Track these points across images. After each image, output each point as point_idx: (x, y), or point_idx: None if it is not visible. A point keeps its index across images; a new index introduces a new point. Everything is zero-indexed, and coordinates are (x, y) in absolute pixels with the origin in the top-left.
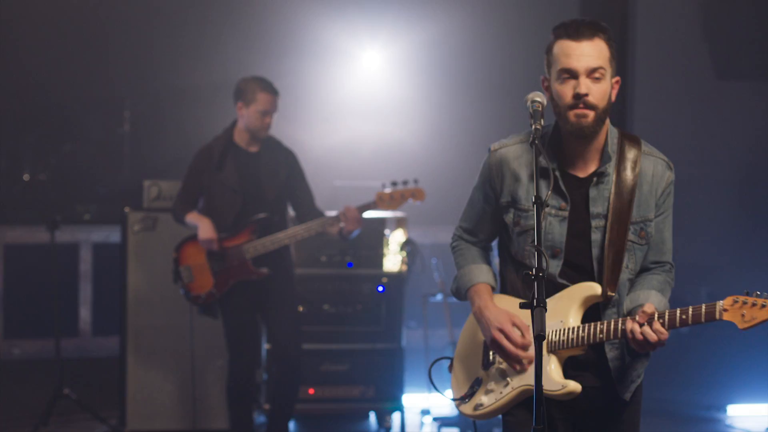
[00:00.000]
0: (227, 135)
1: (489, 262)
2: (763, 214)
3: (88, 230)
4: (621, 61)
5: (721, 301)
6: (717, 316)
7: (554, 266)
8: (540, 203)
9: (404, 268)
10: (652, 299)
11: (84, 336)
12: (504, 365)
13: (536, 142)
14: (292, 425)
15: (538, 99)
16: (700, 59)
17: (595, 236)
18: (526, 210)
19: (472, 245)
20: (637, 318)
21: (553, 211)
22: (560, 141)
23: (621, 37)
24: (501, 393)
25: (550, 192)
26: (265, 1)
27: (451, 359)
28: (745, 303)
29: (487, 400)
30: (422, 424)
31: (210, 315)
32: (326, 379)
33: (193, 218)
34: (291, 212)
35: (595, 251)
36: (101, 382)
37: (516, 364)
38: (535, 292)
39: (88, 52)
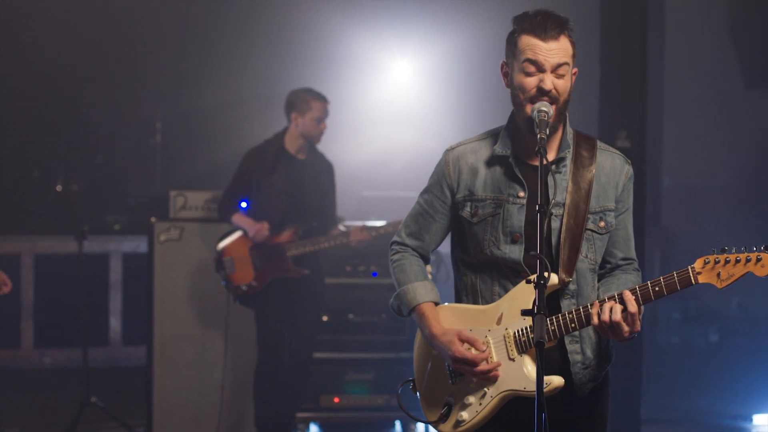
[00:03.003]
0: (278, 140)
1: (428, 277)
2: None
3: (119, 240)
4: (641, 70)
5: (692, 265)
6: (693, 281)
7: (516, 252)
8: (544, 211)
9: (429, 277)
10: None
11: (114, 345)
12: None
13: (540, 150)
14: None
15: (544, 109)
16: (728, 68)
17: (555, 224)
18: (483, 199)
19: (412, 257)
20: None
21: (510, 199)
22: (516, 131)
23: (640, 45)
24: (480, 404)
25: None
26: (295, 14)
27: (413, 380)
28: (717, 262)
29: (468, 414)
30: None
31: (248, 305)
32: (351, 388)
33: (238, 220)
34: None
35: (553, 240)
36: (129, 390)
37: (487, 378)
38: (536, 298)
39: (122, 64)
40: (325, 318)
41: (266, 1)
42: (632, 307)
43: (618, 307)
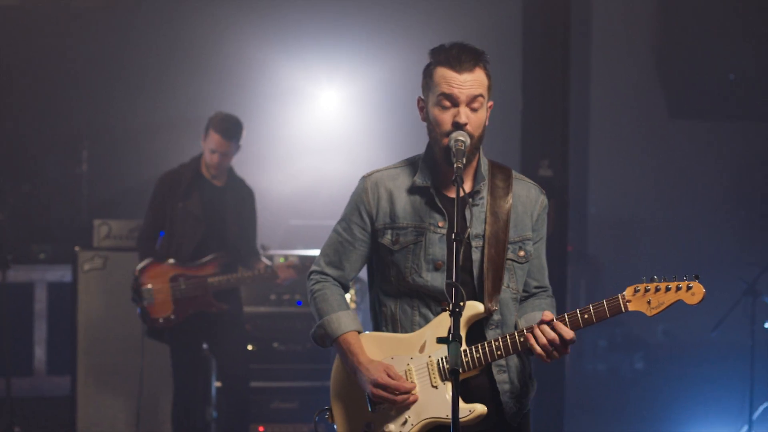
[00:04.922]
0: (195, 165)
1: (349, 306)
2: (718, 248)
3: (44, 269)
4: (562, 99)
5: (622, 293)
6: (622, 308)
7: (439, 279)
8: (460, 239)
9: (353, 306)
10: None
11: (39, 375)
12: None
13: (457, 179)
14: None
15: (461, 138)
16: (653, 97)
17: (476, 256)
18: (405, 227)
19: (334, 285)
20: (542, 318)
21: (431, 228)
22: (434, 163)
23: (562, 74)
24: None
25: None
26: (222, 42)
27: (329, 409)
28: (647, 290)
29: None
30: None
31: (158, 339)
32: (276, 417)
33: None
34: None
35: (475, 270)
36: (53, 420)
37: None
38: (451, 326)
39: (47, 93)
40: (250, 347)
41: (196, 29)
42: (567, 334)
43: (547, 328)
